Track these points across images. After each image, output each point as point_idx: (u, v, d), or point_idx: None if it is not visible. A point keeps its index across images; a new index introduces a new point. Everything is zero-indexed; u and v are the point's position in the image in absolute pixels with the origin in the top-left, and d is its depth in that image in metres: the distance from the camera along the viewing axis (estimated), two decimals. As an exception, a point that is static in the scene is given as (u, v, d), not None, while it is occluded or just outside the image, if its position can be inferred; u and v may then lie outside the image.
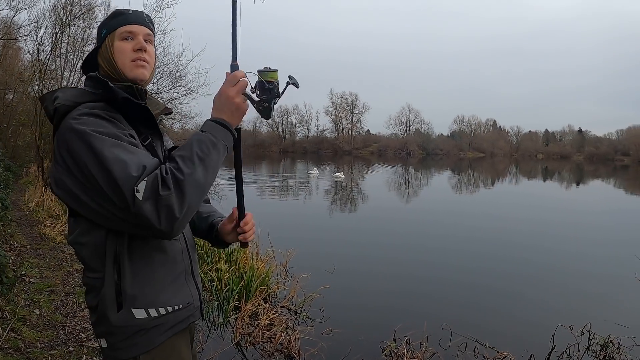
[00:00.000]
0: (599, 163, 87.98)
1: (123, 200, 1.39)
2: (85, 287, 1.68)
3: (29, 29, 13.27)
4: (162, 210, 1.39)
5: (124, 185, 1.38)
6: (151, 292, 1.63)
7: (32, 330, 4.40)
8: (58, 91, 1.65)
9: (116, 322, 1.57)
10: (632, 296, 7.48)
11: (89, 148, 1.45)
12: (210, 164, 1.52)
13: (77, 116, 1.53)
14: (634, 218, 18.25)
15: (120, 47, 1.72)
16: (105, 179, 1.41)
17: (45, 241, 7.89)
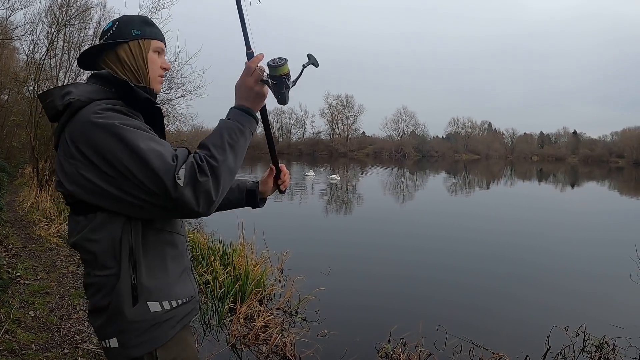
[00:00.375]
0: (593, 165, 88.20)
1: (163, 188, 1.45)
2: (90, 289, 1.66)
3: (25, 29, 13.28)
4: (201, 195, 1.48)
5: (165, 174, 1.44)
6: (164, 285, 1.67)
7: (26, 332, 4.38)
8: (70, 86, 1.65)
9: (132, 317, 1.59)
10: (627, 297, 7.51)
11: (121, 140, 1.48)
12: (239, 150, 1.66)
13: (99, 111, 1.55)
14: (628, 219, 18.34)
15: (153, 58, 1.82)
16: (143, 170, 1.46)
17: (40, 243, 7.86)
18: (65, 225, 8.84)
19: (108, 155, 1.48)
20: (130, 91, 1.67)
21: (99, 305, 1.62)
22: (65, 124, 1.60)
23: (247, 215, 1.93)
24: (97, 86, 1.67)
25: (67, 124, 1.59)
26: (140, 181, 1.46)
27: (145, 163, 1.46)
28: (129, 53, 1.77)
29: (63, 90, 1.63)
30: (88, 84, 1.68)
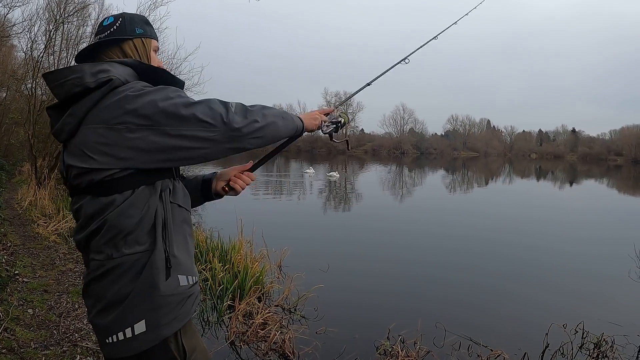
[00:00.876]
0: (592, 163, 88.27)
1: (219, 119, 1.61)
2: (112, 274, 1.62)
3: (23, 27, 13.24)
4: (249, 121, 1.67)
5: (220, 108, 1.63)
6: (187, 260, 1.75)
7: (25, 330, 4.38)
8: (105, 64, 1.66)
9: (165, 290, 1.63)
10: (625, 295, 7.52)
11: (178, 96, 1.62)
12: (284, 126, 1.84)
13: (143, 87, 1.63)
14: (627, 217, 18.35)
15: (153, 57, 1.91)
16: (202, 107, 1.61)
17: (38, 240, 7.86)
18: (64, 223, 8.85)
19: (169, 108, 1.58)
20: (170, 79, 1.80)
21: (120, 294, 1.60)
22: (98, 101, 1.61)
23: (246, 212, 1.93)
24: (129, 69, 1.71)
25: (102, 100, 1.61)
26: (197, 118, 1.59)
27: (203, 103, 1.62)
28: (134, 50, 1.83)
29: (96, 68, 1.63)
30: (122, 66, 1.70)
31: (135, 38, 1.84)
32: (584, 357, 5.28)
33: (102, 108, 1.59)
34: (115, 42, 1.80)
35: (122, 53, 1.81)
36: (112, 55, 1.80)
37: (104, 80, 1.60)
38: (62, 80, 1.63)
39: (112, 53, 1.81)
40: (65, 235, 8.34)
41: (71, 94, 1.62)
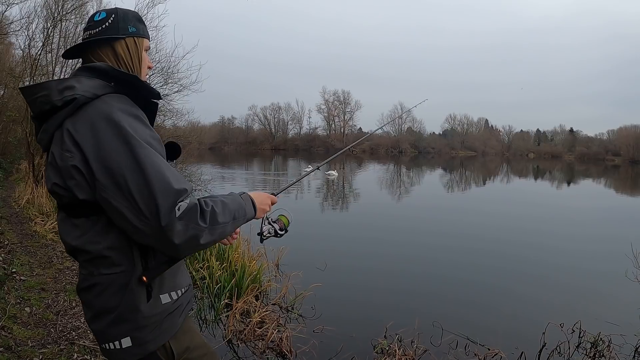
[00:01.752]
0: (589, 163, 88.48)
1: (154, 212, 1.44)
2: (94, 290, 1.62)
3: (21, 24, 13.18)
4: (190, 236, 1.49)
5: (165, 200, 1.45)
6: (171, 276, 1.72)
7: (22, 329, 4.38)
8: (71, 80, 1.58)
9: (147, 312, 1.61)
10: (623, 294, 7.53)
11: (130, 152, 1.48)
12: (234, 227, 1.70)
13: (118, 112, 1.54)
14: (624, 216, 18.38)
15: (144, 57, 1.85)
16: (142, 187, 1.45)
17: (36, 238, 7.85)
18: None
19: (111, 163, 1.47)
20: (138, 87, 1.70)
21: (106, 307, 1.61)
22: (63, 120, 1.56)
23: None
24: (99, 81, 1.63)
25: (67, 119, 1.56)
26: (132, 196, 1.45)
27: (147, 182, 1.45)
28: (125, 49, 1.77)
29: (62, 84, 1.57)
30: (90, 79, 1.61)
31: (127, 37, 1.77)
32: (580, 356, 5.28)
33: (70, 127, 1.55)
34: (107, 41, 1.73)
35: (113, 53, 1.75)
36: (101, 55, 1.73)
37: (69, 99, 1.54)
38: (32, 97, 1.61)
39: (103, 52, 1.74)
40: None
41: (42, 111, 1.60)
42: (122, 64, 1.76)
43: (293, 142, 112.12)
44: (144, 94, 1.73)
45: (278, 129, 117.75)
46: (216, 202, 1.62)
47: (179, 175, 1.55)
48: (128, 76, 1.68)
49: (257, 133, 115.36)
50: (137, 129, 1.53)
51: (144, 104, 1.71)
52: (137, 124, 1.55)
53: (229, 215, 1.65)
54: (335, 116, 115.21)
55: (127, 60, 1.77)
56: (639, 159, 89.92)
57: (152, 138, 1.57)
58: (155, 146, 1.55)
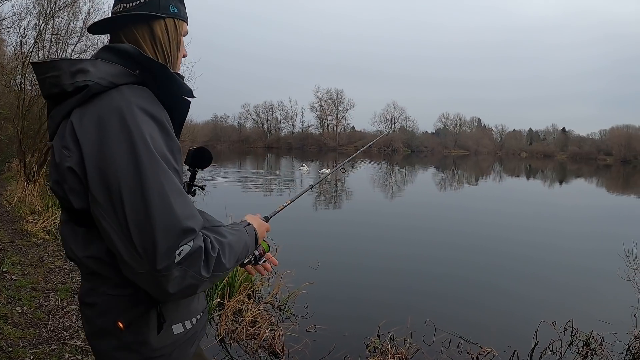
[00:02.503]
0: (581, 162, 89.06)
1: (149, 251, 1.18)
2: (95, 308, 1.41)
3: (12, 21, 13.09)
4: (187, 284, 1.25)
5: (165, 239, 1.18)
6: (186, 303, 1.51)
7: (14, 329, 4.35)
8: (85, 62, 1.33)
9: (157, 344, 1.41)
10: (615, 292, 7.56)
11: (135, 166, 1.21)
12: (232, 268, 1.44)
13: (134, 109, 1.27)
14: (616, 215, 18.49)
15: (183, 44, 1.60)
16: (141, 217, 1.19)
17: (27, 237, 7.81)
18: (53, 220, 8.79)
19: (110, 175, 1.22)
20: (167, 80, 1.43)
21: (109, 330, 1.40)
22: (72, 109, 1.32)
23: (236, 208, 1.92)
24: (120, 67, 1.35)
25: (76, 109, 1.31)
26: (127, 227, 1.20)
27: (147, 212, 1.19)
28: (164, 31, 1.50)
29: (75, 66, 1.32)
30: (108, 64, 1.35)
31: (168, 17, 1.50)
32: (573, 354, 5.30)
33: (75, 120, 1.30)
34: (145, 18, 1.46)
35: (150, 33, 1.48)
36: (136, 34, 1.47)
37: (81, 85, 1.29)
38: (42, 75, 1.37)
39: (138, 31, 1.47)
40: (54, 232, 8.29)
41: (51, 94, 1.37)
42: (158, 49, 1.50)
43: (286, 141, 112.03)
44: (174, 89, 1.45)
45: (271, 127, 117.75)
46: (224, 244, 1.35)
47: (190, 205, 1.29)
48: (157, 65, 1.40)
49: (250, 131, 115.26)
50: (154, 135, 1.26)
51: (171, 102, 1.44)
52: (155, 129, 1.28)
53: (234, 260, 1.41)
54: (328, 115, 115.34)
55: (164, 45, 1.51)
56: (630, 159, 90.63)
57: (169, 150, 1.30)
58: (171, 162, 1.29)
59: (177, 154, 1.34)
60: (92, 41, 13.07)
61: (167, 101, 1.41)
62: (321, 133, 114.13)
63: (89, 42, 13.11)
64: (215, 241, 1.32)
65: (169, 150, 1.30)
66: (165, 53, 1.51)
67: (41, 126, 12.13)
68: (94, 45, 12.97)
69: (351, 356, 4.98)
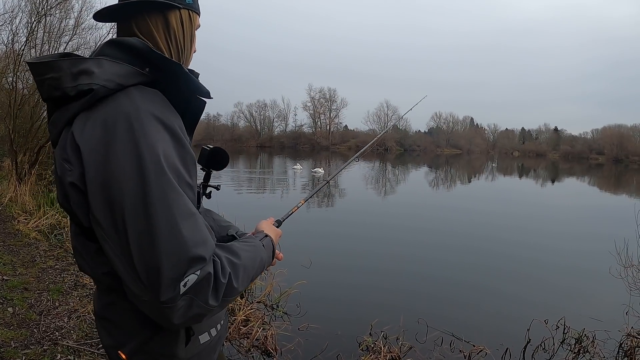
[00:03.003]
0: (574, 161, 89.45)
1: (153, 281, 1.08)
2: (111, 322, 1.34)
3: (4, 19, 12.99)
4: (193, 314, 1.15)
5: (171, 269, 1.08)
6: None
7: (5, 329, 4.33)
8: (89, 62, 1.19)
9: (184, 356, 1.35)
10: (606, 291, 7.62)
11: (141, 183, 1.09)
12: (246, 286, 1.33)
13: (143, 115, 1.14)
14: (608, 214, 18.56)
15: (195, 39, 1.47)
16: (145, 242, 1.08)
17: (19, 237, 7.76)
18: (45, 220, 8.75)
19: (113, 192, 1.10)
20: (181, 79, 1.29)
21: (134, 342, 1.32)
22: (75, 115, 1.19)
23: (228, 207, 1.92)
24: (128, 66, 1.22)
25: (80, 114, 1.19)
26: (129, 252, 1.09)
27: (152, 237, 1.07)
28: (179, 23, 1.38)
29: (78, 67, 1.18)
30: (114, 63, 1.21)
31: (183, 8, 1.37)
32: (565, 352, 5.34)
33: (76, 129, 1.18)
34: (160, 7, 1.33)
35: (164, 24, 1.35)
36: (149, 24, 1.34)
37: (85, 89, 1.16)
38: (39, 77, 1.23)
39: (152, 20, 1.34)
40: (46, 232, 8.26)
41: (51, 97, 1.24)
42: (172, 42, 1.37)
43: (279, 140, 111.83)
44: (192, 90, 1.32)
45: (264, 126, 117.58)
46: (237, 267, 1.23)
47: (202, 229, 1.16)
48: (169, 63, 1.27)
49: (242, 130, 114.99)
50: (165, 147, 1.13)
51: (186, 103, 1.32)
52: (167, 140, 1.15)
53: (247, 282, 1.29)
54: (321, 113, 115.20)
55: (179, 37, 1.38)
56: (622, 158, 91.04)
57: (182, 163, 1.17)
58: (183, 176, 1.16)
59: (192, 165, 1.22)
60: (84, 39, 13.00)
61: (181, 103, 1.30)
62: (314, 132, 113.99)
63: (81, 40, 13.02)
64: (227, 263, 1.21)
65: (182, 163, 1.17)
66: (179, 47, 1.39)
67: (32, 125, 12.04)
68: (86, 43, 12.89)
69: (344, 355, 4.99)
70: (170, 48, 1.37)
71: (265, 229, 1.59)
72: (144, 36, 1.33)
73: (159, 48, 1.35)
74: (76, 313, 4.87)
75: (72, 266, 6.42)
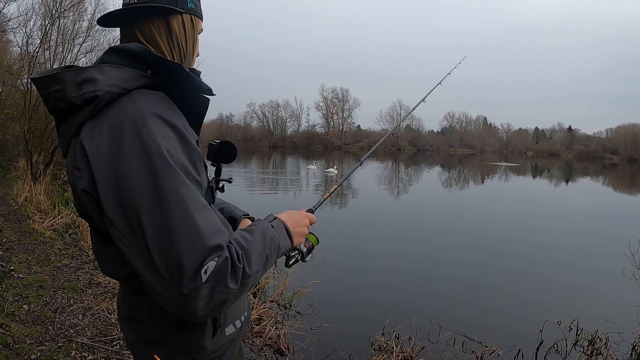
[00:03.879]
0: (588, 161, 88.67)
1: (175, 274, 1.08)
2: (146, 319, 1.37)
3: (18, 22, 13.17)
4: (217, 303, 1.15)
5: (191, 259, 1.08)
6: (236, 303, 1.46)
7: (21, 326, 4.38)
8: (92, 70, 1.21)
9: (212, 348, 1.39)
10: (620, 292, 7.55)
11: (153, 183, 1.11)
12: (264, 272, 1.33)
13: (148, 117, 1.16)
14: (622, 214, 18.40)
15: (198, 43, 1.49)
16: (162, 238, 1.09)
17: (34, 236, 7.84)
18: (60, 219, 8.83)
19: (125, 195, 1.12)
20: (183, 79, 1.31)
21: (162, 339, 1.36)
22: (83, 123, 1.21)
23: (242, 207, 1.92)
24: (130, 70, 1.24)
25: (87, 122, 1.21)
26: (147, 250, 1.10)
27: (170, 232, 1.09)
28: (181, 27, 1.40)
29: (81, 76, 1.20)
30: (116, 68, 1.23)
31: (185, 13, 1.39)
32: (578, 353, 5.30)
33: (85, 136, 1.20)
34: (162, 12, 1.35)
35: (166, 29, 1.37)
36: (152, 29, 1.36)
37: (90, 96, 1.18)
38: (44, 91, 1.24)
39: (154, 25, 1.36)
40: (61, 231, 8.33)
41: (57, 109, 1.25)
42: (174, 46, 1.39)
43: (291, 140, 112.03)
44: (194, 88, 1.34)
45: (276, 126, 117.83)
46: (245, 248, 1.22)
47: (215, 219, 1.19)
48: (169, 64, 1.29)
49: (255, 130, 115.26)
50: (171, 145, 1.16)
51: (189, 102, 1.34)
52: (172, 138, 1.18)
53: (260, 261, 1.26)
54: (333, 113, 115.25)
55: (181, 42, 1.40)
56: (637, 158, 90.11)
57: (189, 159, 1.20)
58: (191, 173, 1.18)
59: (198, 162, 1.24)
60: (97, 41, 13.12)
61: (185, 102, 1.32)
62: (327, 132, 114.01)
63: (94, 42, 13.15)
64: (237, 246, 1.21)
65: (189, 160, 1.20)
66: (181, 51, 1.41)
67: (47, 126, 12.16)
68: (99, 45, 13.02)
69: (356, 354, 5.00)
70: (172, 52, 1.39)
71: (282, 215, 1.56)
72: (147, 41, 1.36)
73: (162, 52, 1.37)
74: (90, 311, 4.91)
75: (87, 264, 6.48)
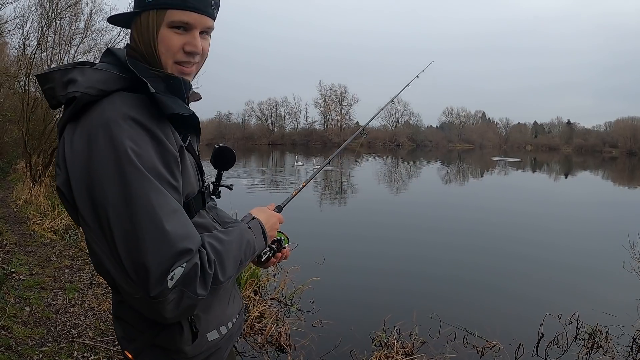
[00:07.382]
0: (587, 155, 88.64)
1: (141, 277, 1.11)
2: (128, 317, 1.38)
3: (15, 24, 13.14)
4: (184, 308, 1.18)
5: (157, 264, 1.10)
6: (220, 309, 1.48)
7: (22, 328, 4.40)
8: (74, 72, 1.23)
9: (191, 352, 1.38)
10: (620, 286, 7.56)
11: (121, 185, 1.12)
12: (239, 272, 1.37)
13: (120, 119, 1.16)
14: (621, 209, 18.38)
15: (166, 37, 1.31)
16: (130, 240, 1.11)
17: (34, 238, 7.85)
18: (60, 220, 8.84)
19: (96, 195, 1.14)
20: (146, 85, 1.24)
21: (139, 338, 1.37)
22: (66, 123, 1.25)
23: (242, 206, 1.94)
24: (110, 73, 1.25)
25: (68, 124, 1.24)
26: (116, 251, 1.13)
27: (136, 235, 1.11)
28: (140, 28, 1.32)
29: (66, 77, 1.24)
30: (97, 70, 1.25)
31: (143, 11, 1.31)
32: (578, 347, 5.32)
33: (66, 136, 1.23)
34: (134, 14, 1.34)
35: (135, 31, 1.36)
36: (133, 32, 1.37)
37: (70, 97, 1.21)
38: (42, 87, 1.30)
39: (133, 28, 1.37)
40: (61, 232, 8.34)
41: (52, 106, 1.32)
42: (141, 47, 1.34)
43: (290, 137, 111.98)
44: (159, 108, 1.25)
45: (275, 124, 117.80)
46: (220, 253, 1.25)
47: (186, 224, 1.19)
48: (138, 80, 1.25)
49: (254, 128, 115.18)
50: (144, 149, 1.15)
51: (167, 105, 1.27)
52: (146, 142, 1.17)
53: (234, 266, 1.30)
54: (332, 110, 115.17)
55: (139, 43, 1.34)
56: (636, 151, 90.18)
57: (163, 163, 1.19)
58: (164, 177, 1.18)
59: (174, 165, 1.23)
60: (94, 42, 13.11)
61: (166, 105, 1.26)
62: (325, 129, 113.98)
63: (91, 42, 13.15)
64: (211, 251, 1.23)
65: (163, 164, 1.19)
66: (146, 51, 1.34)
67: (45, 127, 12.18)
68: (97, 45, 13.01)
69: (357, 350, 5.01)
70: (144, 54, 1.34)
71: (255, 212, 1.60)
72: (134, 43, 1.36)
73: (142, 55, 1.34)
74: (92, 311, 4.93)
75: (88, 265, 6.50)
